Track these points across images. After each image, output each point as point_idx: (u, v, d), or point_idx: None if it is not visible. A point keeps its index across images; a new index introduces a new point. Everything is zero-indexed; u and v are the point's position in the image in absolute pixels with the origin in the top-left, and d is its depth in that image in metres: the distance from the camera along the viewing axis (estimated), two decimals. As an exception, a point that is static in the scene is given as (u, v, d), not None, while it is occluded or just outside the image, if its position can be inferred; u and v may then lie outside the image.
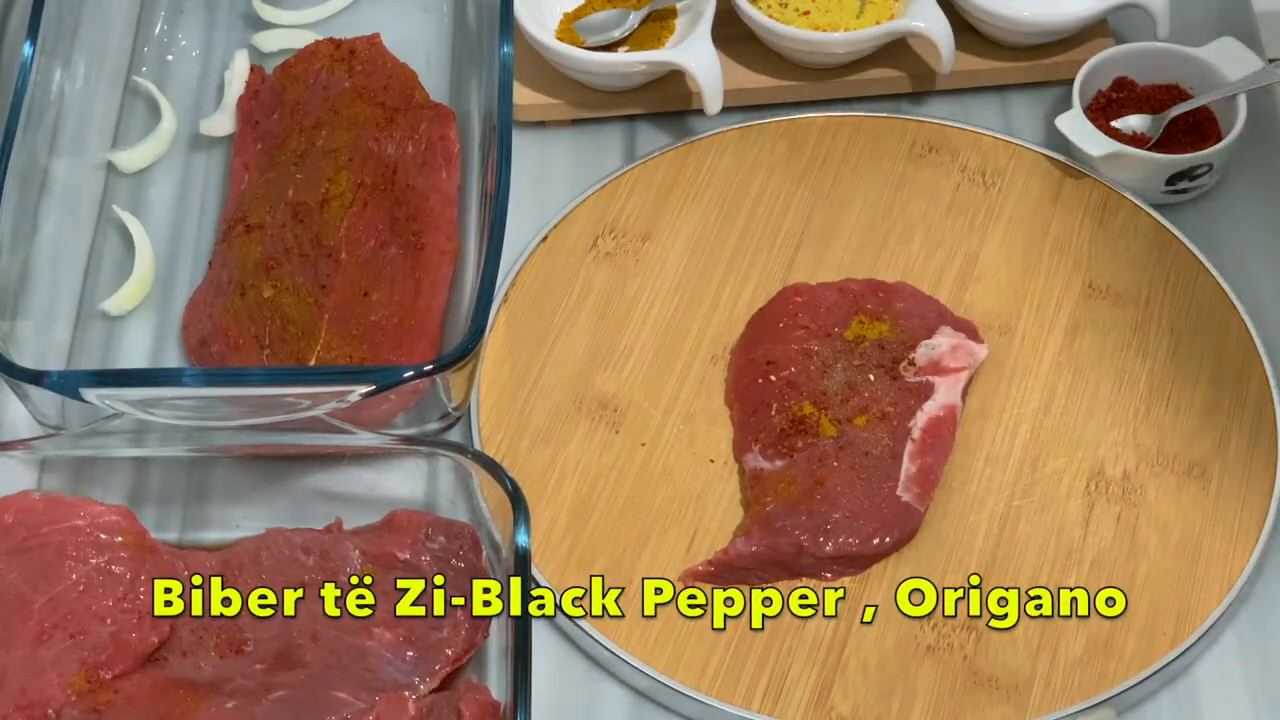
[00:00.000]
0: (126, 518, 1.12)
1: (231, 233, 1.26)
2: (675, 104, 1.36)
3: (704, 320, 1.26)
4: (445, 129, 1.28)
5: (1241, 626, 1.14)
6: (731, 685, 1.10)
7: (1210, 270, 1.27)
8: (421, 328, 1.21)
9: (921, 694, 1.10)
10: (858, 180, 1.32)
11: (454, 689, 1.07)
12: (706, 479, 1.18)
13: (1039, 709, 1.09)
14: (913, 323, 1.22)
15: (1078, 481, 1.18)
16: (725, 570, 1.13)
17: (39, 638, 1.08)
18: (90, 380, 1.10)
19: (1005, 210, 1.31)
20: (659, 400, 1.22)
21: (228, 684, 1.07)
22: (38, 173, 1.25)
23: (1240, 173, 1.33)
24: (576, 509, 1.17)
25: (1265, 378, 1.22)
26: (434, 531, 1.12)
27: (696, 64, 1.30)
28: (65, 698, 1.06)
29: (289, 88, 1.32)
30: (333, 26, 1.41)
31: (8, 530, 1.11)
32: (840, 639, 1.12)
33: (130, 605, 1.09)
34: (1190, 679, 1.12)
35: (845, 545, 1.13)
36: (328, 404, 1.11)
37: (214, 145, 1.36)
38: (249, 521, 1.15)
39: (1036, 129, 1.35)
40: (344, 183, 1.25)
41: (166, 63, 1.40)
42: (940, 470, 1.16)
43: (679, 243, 1.29)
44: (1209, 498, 1.17)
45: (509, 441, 1.20)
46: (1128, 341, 1.24)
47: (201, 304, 1.25)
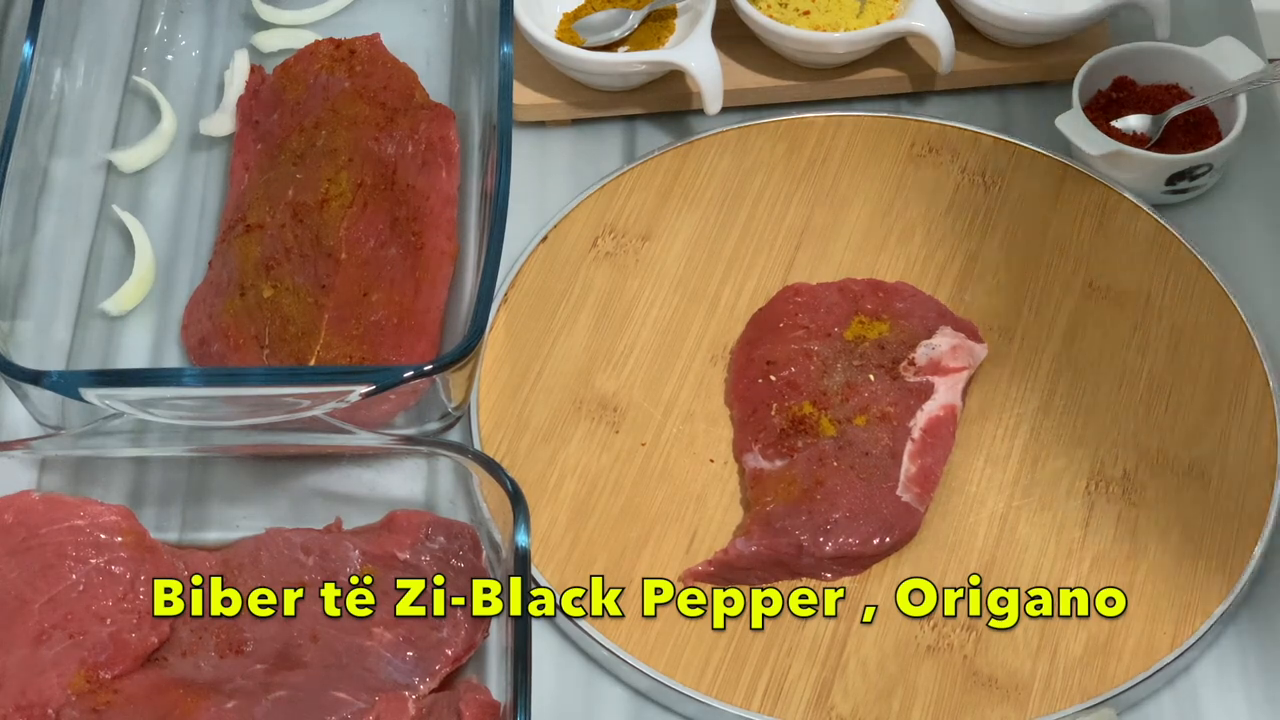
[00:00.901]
0: (126, 518, 1.12)
1: (231, 233, 1.26)
2: (675, 104, 1.36)
3: (704, 320, 1.26)
4: (445, 129, 1.28)
5: (1241, 626, 1.14)
6: (731, 685, 1.10)
7: (1210, 270, 1.27)
8: (421, 328, 1.21)
9: (921, 694, 1.10)
10: (858, 180, 1.32)
11: (454, 689, 1.07)
12: (706, 479, 1.18)
13: (1039, 709, 1.09)
14: (913, 323, 1.22)
15: (1078, 481, 1.18)
16: (725, 570, 1.13)
17: (39, 638, 1.08)
18: (90, 380, 1.10)
19: (1005, 210, 1.31)
20: (659, 400, 1.22)
21: (228, 684, 1.07)
22: (38, 173, 1.25)
23: (1240, 173, 1.33)
24: (576, 509, 1.17)
25: (1265, 378, 1.22)
26: (434, 531, 1.12)
27: (696, 64, 1.31)
28: (65, 698, 1.06)
29: (289, 88, 1.32)
30: (333, 26, 1.41)
31: (8, 530, 1.11)
32: (840, 639, 1.12)
33: (130, 605, 1.09)
34: (1190, 679, 1.12)
35: (845, 545, 1.13)
36: (328, 404, 1.11)
37: (214, 145, 1.36)
38: (249, 521, 1.15)
39: (1036, 129, 1.35)
40: (344, 183, 1.25)
41: (166, 63, 1.40)
42: (940, 470, 1.16)
43: (679, 243, 1.29)
44: (1209, 498, 1.17)
45: (509, 441, 1.20)
46: (1128, 341, 1.24)
47: (201, 304, 1.25)
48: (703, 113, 1.33)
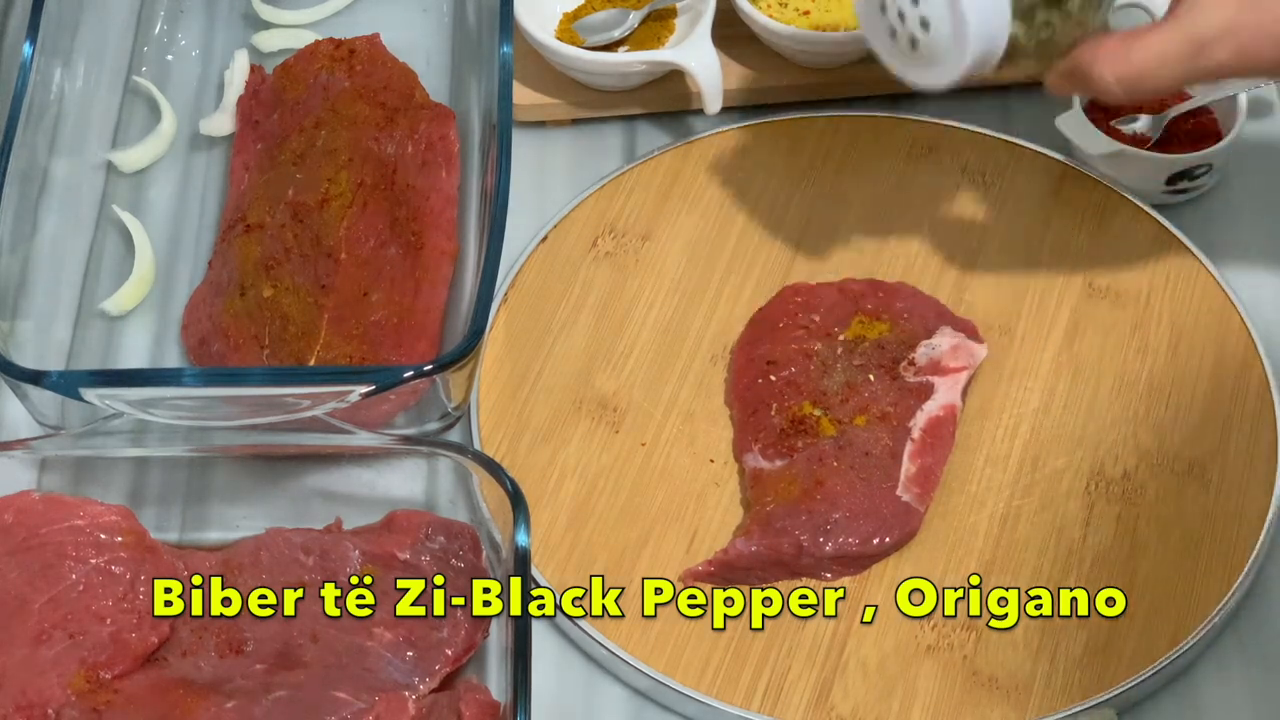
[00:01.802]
0: (126, 518, 1.12)
1: (231, 233, 1.26)
2: (675, 104, 1.36)
3: (704, 320, 1.26)
4: (445, 129, 1.28)
5: (1241, 626, 1.14)
6: (731, 685, 1.10)
7: (1210, 270, 1.27)
8: (421, 328, 1.21)
9: (921, 694, 1.10)
10: (858, 180, 1.32)
11: (454, 689, 1.07)
12: (706, 479, 1.18)
13: (1039, 709, 1.09)
14: (913, 323, 1.22)
15: (1078, 481, 1.18)
16: (725, 570, 1.13)
17: (39, 638, 1.08)
18: (90, 380, 1.10)
19: (1005, 210, 1.30)
20: (659, 400, 1.22)
21: (228, 684, 1.07)
22: (38, 173, 1.25)
23: (1240, 173, 1.33)
24: (576, 509, 1.17)
25: (1265, 378, 1.22)
26: (434, 531, 1.12)
27: (696, 64, 1.30)
28: (65, 698, 1.06)
29: (289, 88, 1.32)
30: (333, 26, 1.41)
31: (7, 530, 1.11)
32: (840, 639, 1.12)
33: (130, 605, 1.09)
34: (1190, 679, 1.12)
35: (845, 545, 1.13)
36: (328, 404, 1.11)
37: (214, 145, 1.36)
38: (249, 521, 1.15)
39: (1037, 129, 1.35)
40: (344, 183, 1.25)
41: (166, 63, 1.40)
42: (940, 470, 1.16)
43: (679, 243, 1.29)
44: (1209, 497, 1.17)
45: (509, 441, 1.20)
46: (1128, 341, 1.24)
47: (201, 304, 1.25)
48: (703, 113, 1.33)
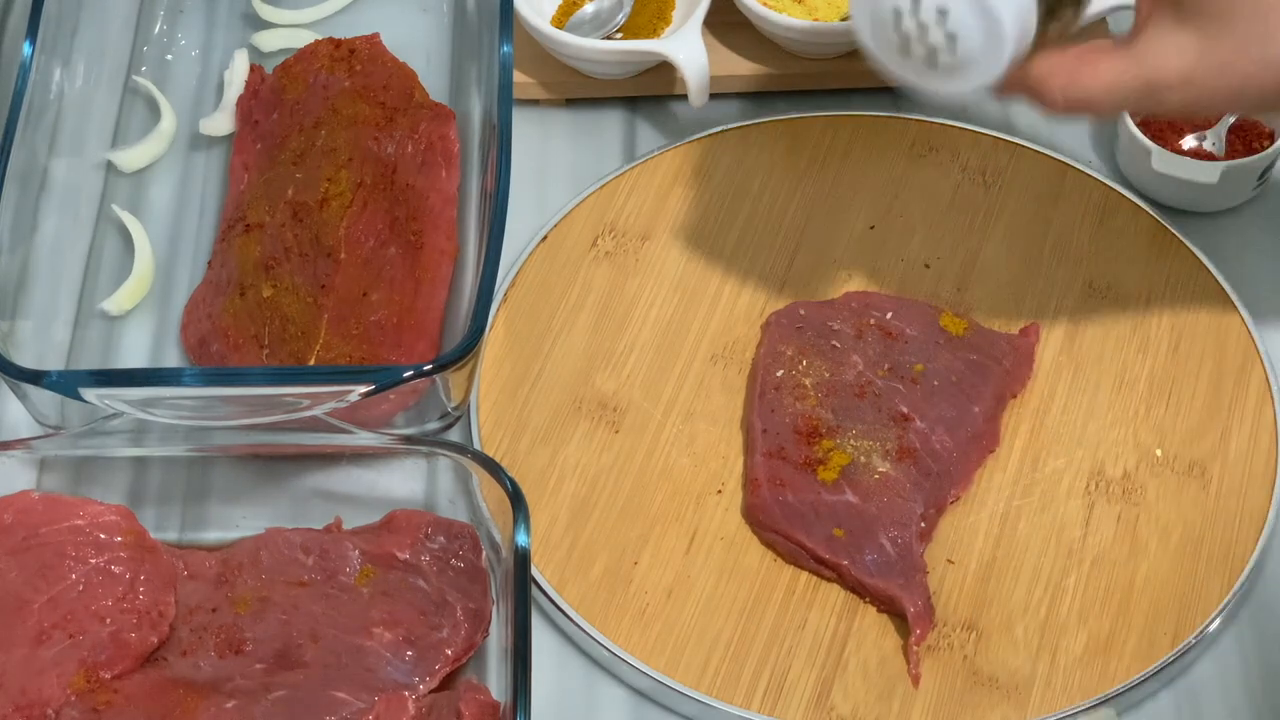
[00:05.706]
0: (126, 518, 1.12)
1: (231, 232, 1.26)
2: (673, 88, 1.36)
3: (704, 320, 1.26)
4: (445, 129, 1.28)
5: (1241, 626, 1.14)
6: (731, 685, 1.10)
7: (1210, 270, 1.27)
8: (421, 327, 1.21)
9: (921, 694, 1.10)
10: (858, 180, 1.32)
11: (454, 689, 1.07)
12: (706, 479, 1.18)
13: (1039, 709, 1.09)
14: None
15: (1078, 481, 1.18)
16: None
17: (39, 638, 1.08)
18: (90, 380, 1.10)
19: (1005, 210, 1.31)
20: (659, 400, 1.22)
21: (227, 684, 1.07)
22: (37, 173, 1.25)
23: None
24: (576, 509, 1.17)
25: (1265, 378, 1.22)
26: (434, 531, 1.12)
27: (684, 57, 1.30)
28: (65, 698, 1.06)
29: (289, 87, 1.32)
30: (333, 26, 1.41)
31: (7, 530, 1.11)
32: (840, 639, 1.12)
33: (130, 605, 1.09)
34: (1190, 679, 1.12)
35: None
36: (327, 404, 1.11)
37: (214, 145, 1.36)
38: (249, 521, 1.15)
39: (1037, 129, 1.35)
40: (343, 182, 1.25)
41: (166, 62, 1.40)
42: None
43: (679, 243, 1.29)
44: (1209, 498, 1.17)
45: (509, 441, 1.20)
46: (1128, 341, 1.24)
47: (201, 304, 1.25)
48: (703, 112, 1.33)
